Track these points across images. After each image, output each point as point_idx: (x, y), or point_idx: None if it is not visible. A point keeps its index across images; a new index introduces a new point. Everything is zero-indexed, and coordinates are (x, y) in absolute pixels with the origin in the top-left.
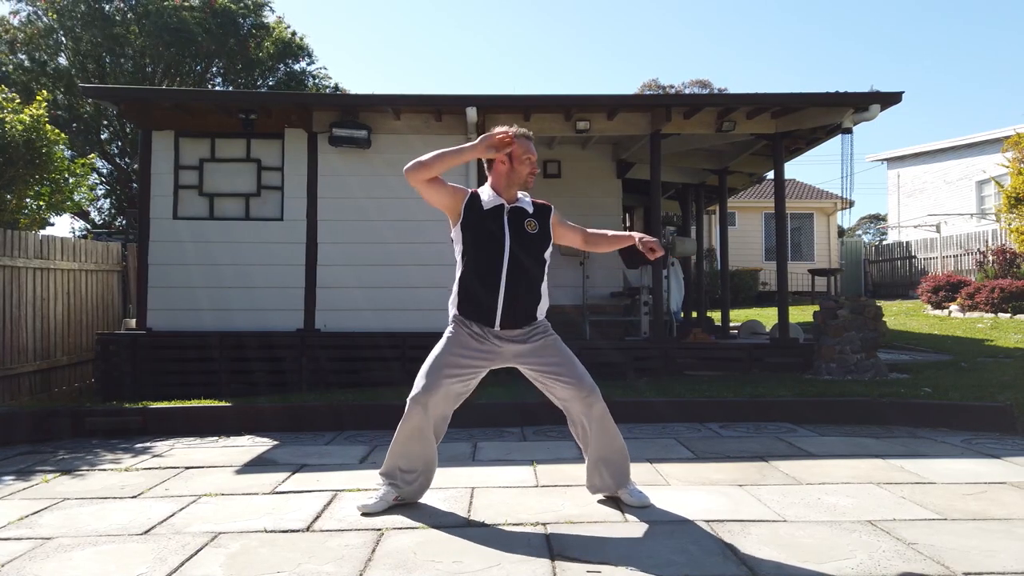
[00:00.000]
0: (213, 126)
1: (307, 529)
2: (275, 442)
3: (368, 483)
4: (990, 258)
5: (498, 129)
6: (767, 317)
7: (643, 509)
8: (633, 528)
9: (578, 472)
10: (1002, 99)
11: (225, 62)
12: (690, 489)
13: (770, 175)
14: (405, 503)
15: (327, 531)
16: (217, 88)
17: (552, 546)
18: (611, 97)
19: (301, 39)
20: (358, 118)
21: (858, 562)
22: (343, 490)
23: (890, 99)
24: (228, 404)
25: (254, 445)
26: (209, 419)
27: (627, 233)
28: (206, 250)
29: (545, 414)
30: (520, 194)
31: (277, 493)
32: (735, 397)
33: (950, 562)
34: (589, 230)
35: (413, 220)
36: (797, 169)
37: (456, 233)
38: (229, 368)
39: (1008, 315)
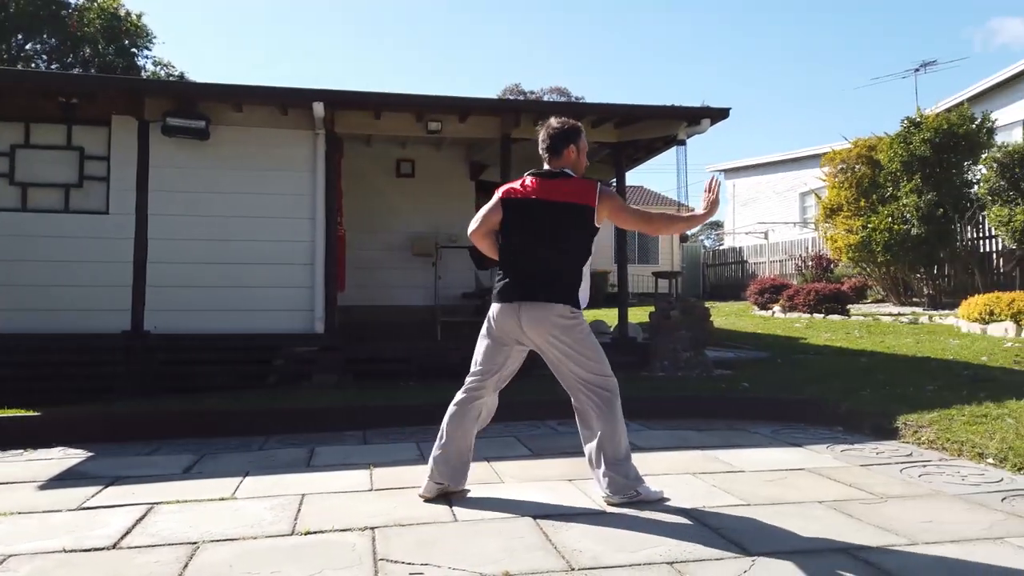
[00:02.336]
0: (28, 110)
1: (113, 546)
2: (90, 453)
3: (189, 494)
4: (809, 263)
5: (712, 184)
6: (613, 317)
7: (476, 509)
8: (462, 528)
9: (416, 474)
10: (825, 117)
11: (50, 37)
12: (523, 486)
13: (614, 181)
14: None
15: (136, 547)
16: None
17: (377, 550)
18: (462, 99)
19: (137, 18)
20: (196, 108)
21: (667, 549)
22: (161, 503)
23: (719, 114)
24: (36, 413)
25: (65, 457)
26: (15, 430)
27: None
28: (19, 245)
29: (400, 415)
30: None
31: (84, 509)
32: None
33: (748, 544)
34: None
35: (252, 217)
36: (645, 177)
37: (591, 231)
38: (46, 373)
39: (822, 315)
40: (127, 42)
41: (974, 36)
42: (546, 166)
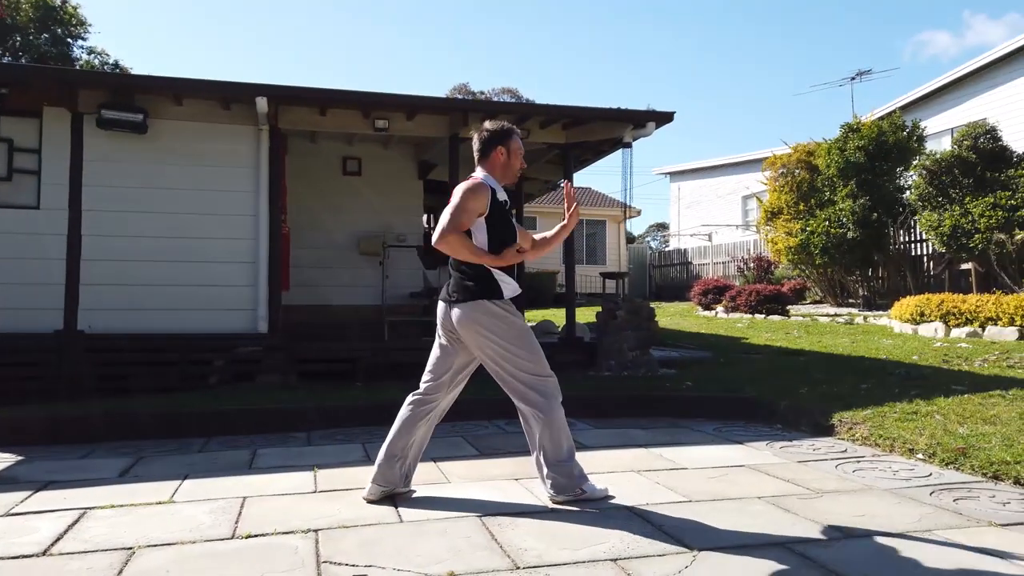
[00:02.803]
0: None
1: (43, 553)
2: (20, 457)
3: (125, 498)
4: (750, 265)
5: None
6: (561, 317)
7: (421, 509)
8: (407, 529)
9: (361, 475)
10: (767, 123)
11: None
12: (469, 486)
13: (563, 182)
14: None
15: (68, 554)
16: None
17: (321, 552)
18: (410, 97)
19: (74, 8)
20: (133, 101)
21: (611, 545)
22: (95, 507)
23: (664, 118)
24: None
25: None
26: None
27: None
28: None
29: (346, 415)
30: None
31: (12, 515)
32: None
33: (690, 540)
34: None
35: (193, 214)
36: (593, 178)
37: (479, 224)
38: None
39: (762, 316)
40: (60, 31)
41: (904, 48)
42: (476, 168)
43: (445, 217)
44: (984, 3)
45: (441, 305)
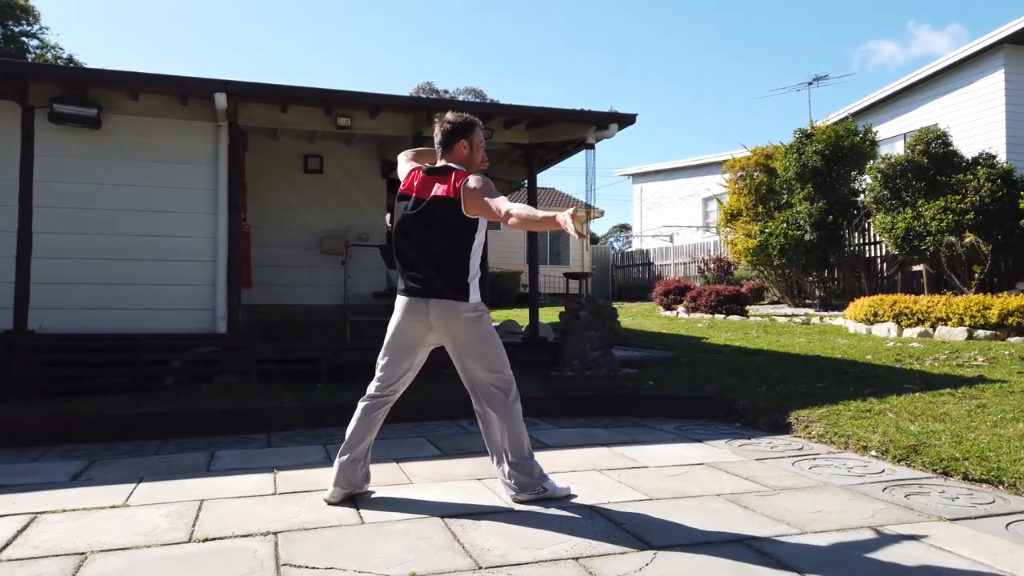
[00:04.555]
0: None
1: None
2: None
3: (77, 502)
4: (711, 266)
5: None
6: (524, 317)
7: (383, 510)
8: (368, 530)
9: (322, 477)
10: (727, 126)
11: None
12: (431, 486)
13: (526, 183)
14: None
15: (17, 560)
16: None
17: (280, 555)
18: (372, 95)
19: (25, 1)
20: (86, 95)
21: (573, 544)
22: (45, 512)
23: (626, 120)
24: None
25: None
26: None
27: None
28: None
29: (306, 416)
30: None
31: None
32: None
33: (650, 538)
34: None
35: (149, 211)
36: (557, 179)
37: (468, 221)
38: None
39: (722, 316)
40: (11, 23)
41: (853, 56)
42: (439, 161)
43: (495, 201)
44: (927, 15)
45: (420, 301)
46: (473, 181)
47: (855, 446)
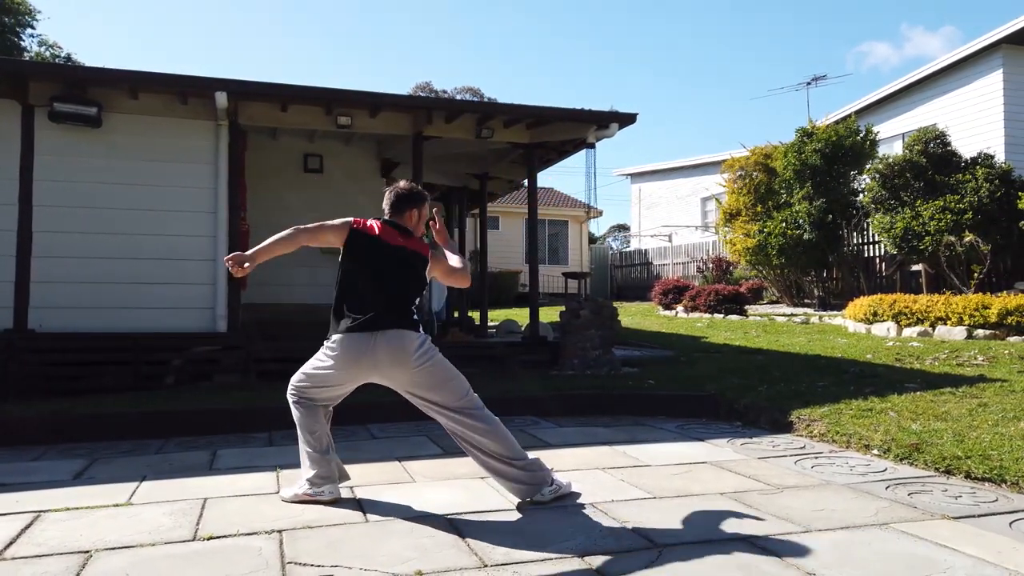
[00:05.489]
0: None
1: None
2: None
3: (80, 501)
4: (710, 266)
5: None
6: (525, 317)
7: (387, 509)
8: (373, 528)
9: None
10: (726, 126)
11: None
12: (435, 485)
13: (527, 182)
14: None
15: (22, 558)
16: None
17: (285, 553)
18: (372, 94)
19: None
20: (86, 93)
21: (577, 543)
22: (48, 510)
23: (627, 119)
24: None
25: None
26: None
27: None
28: None
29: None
30: None
31: None
32: (487, 394)
33: (656, 536)
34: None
35: (149, 210)
36: (556, 179)
37: (423, 278)
38: None
39: (722, 315)
40: (8, 19)
41: (847, 58)
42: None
43: (461, 262)
44: (920, 16)
45: (379, 336)
46: (445, 248)
47: (857, 445)
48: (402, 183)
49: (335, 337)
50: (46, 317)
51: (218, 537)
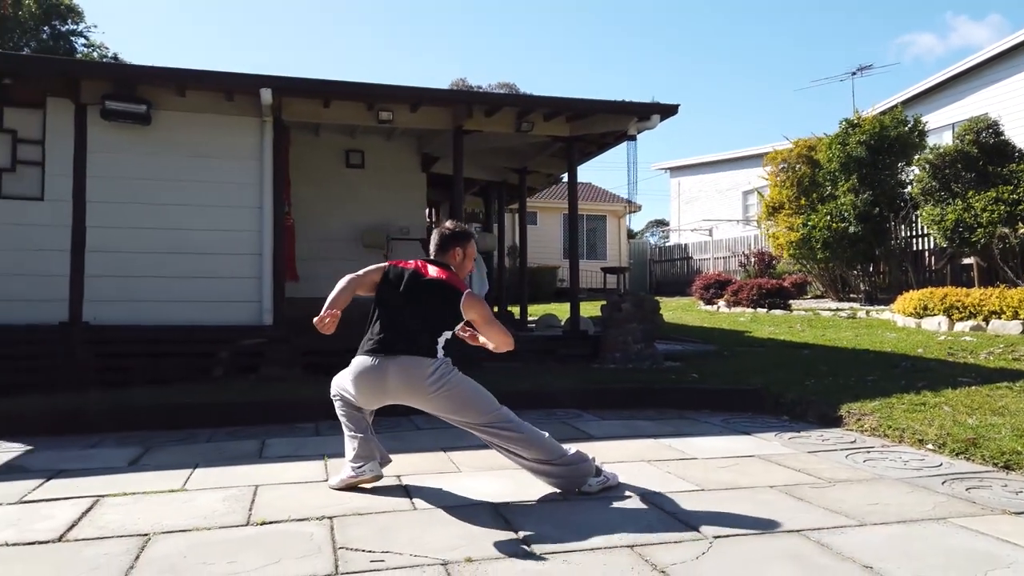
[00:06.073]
0: None
1: (60, 539)
2: (28, 447)
3: (137, 487)
4: (752, 260)
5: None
6: (564, 311)
7: (434, 497)
8: (421, 516)
9: None
10: (768, 118)
11: None
12: (480, 475)
13: (566, 176)
14: None
15: (83, 540)
16: None
17: (336, 539)
18: (413, 89)
19: (71, 1)
20: (136, 91)
21: (627, 532)
22: (106, 495)
23: (668, 110)
24: None
25: (2, 452)
26: None
27: None
28: None
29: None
30: None
31: (26, 502)
32: (528, 386)
33: (705, 527)
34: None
35: (199, 205)
36: (593, 174)
37: (457, 312)
38: None
39: (765, 310)
40: (57, 22)
41: (888, 49)
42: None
43: (495, 326)
44: (965, 5)
45: (390, 362)
46: (471, 298)
47: (910, 439)
48: (448, 223)
49: (355, 358)
50: (99, 310)
51: (270, 522)
